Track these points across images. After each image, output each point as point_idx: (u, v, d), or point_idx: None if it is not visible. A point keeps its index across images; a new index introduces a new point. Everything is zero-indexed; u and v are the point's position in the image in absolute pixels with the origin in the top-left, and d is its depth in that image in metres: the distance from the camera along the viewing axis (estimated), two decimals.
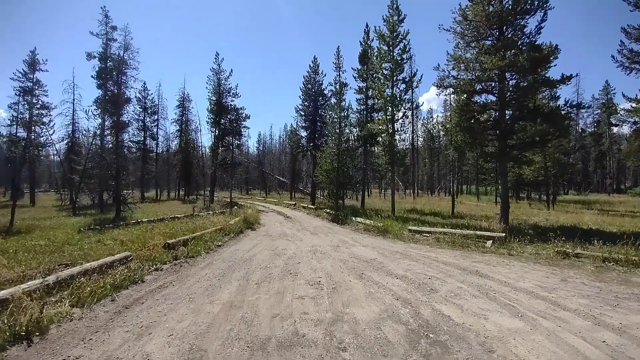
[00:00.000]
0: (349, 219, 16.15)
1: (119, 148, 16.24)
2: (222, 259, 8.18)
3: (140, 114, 39.48)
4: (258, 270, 6.99)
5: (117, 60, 37.87)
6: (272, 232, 13.29)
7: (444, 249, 9.51)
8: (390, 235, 11.96)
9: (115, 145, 16.23)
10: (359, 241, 11.04)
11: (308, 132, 29.29)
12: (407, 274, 6.69)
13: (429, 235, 11.30)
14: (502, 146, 14.01)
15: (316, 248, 9.66)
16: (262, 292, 5.59)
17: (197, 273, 6.78)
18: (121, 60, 37.97)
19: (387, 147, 16.21)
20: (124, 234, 10.57)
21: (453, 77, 15.31)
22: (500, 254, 8.78)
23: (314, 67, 29.04)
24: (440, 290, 5.64)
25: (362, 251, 9.21)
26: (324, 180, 20.27)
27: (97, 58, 37.24)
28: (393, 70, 16.19)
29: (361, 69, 25.15)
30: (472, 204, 30.48)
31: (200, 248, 8.81)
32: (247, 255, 8.64)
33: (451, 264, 7.53)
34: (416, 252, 8.97)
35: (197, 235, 9.85)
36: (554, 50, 12.56)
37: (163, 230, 11.08)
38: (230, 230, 11.99)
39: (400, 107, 16.09)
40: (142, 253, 7.38)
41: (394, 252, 9.07)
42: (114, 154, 16.07)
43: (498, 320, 4.39)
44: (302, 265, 7.44)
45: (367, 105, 25.22)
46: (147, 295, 5.38)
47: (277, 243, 10.61)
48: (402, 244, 10.53)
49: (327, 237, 11.88)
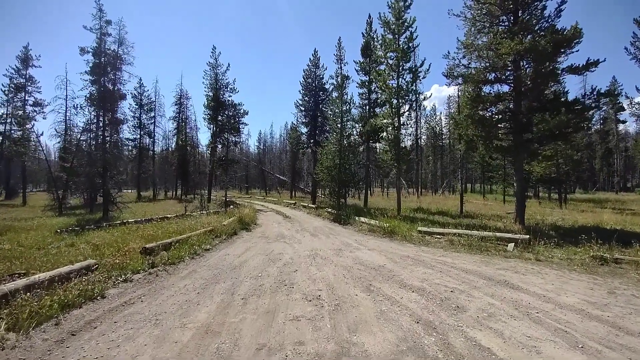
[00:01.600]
0: (352, 219, 15.08)
1: (106, 144, 15.21)
2: (208, 265, 7.12)
3: (135, 110, 38.44)
4: (247, 281, 5.93)
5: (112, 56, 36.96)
6: (268, 234, 12.23)
7: (460, 253, 8.43)
8: (397, 237, 10.89)
9: (103, 141, 15.18)
10: (363, 244, 9.97)
11: (308, 128, 28.18)
12: (423, 285, 5.61)
13: (441, 237, 10.22)
14: (518, 140, 12.90)
15: (316, 252, 8.59)
16: (248, 310, 4.53)
17: (174, 285, 5.72)
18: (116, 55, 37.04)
19: (392, 141, 15.12)
20: (103, 236, 9.53)
21: (464, 65, 14.23)
22: (526, 259, 7.69)
23: (315, 61, 27.92)
24: (468, 308, 4.56)
25: (367, 256, 8.14)
26: (325, 178, 19.19)
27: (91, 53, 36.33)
28: (399, 60, 15.07)
29: (364, 61, 24.04)
30: (479, 202, 29.34)
31: (184, 253, 7.75)
32: (237, 261, 7.57)
33: (473, 272, 6.45)
34: (430, 257, 7.90)
35: (183, 238, 8.79)
36: (578, 32, 11.44)
37: (147, 232, 10.03)
38: (222, 231, 10.93)
39: (406, 98, 14.99)
40: (109, 261, 6.32)
41: (404, 256, 7.99)
42: (101, 151, 15.02)
43: (555, 354, 3.32)
44: (300, 274, 6.37)
45: (369, 100, 24.11)
46: (103, 317, 4.33)
47: (273, 246, 9.55)
48: (412, 247, 9.45)
49: (328, 239, 10.81)
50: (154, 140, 42.51)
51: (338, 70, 24.06)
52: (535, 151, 12.64)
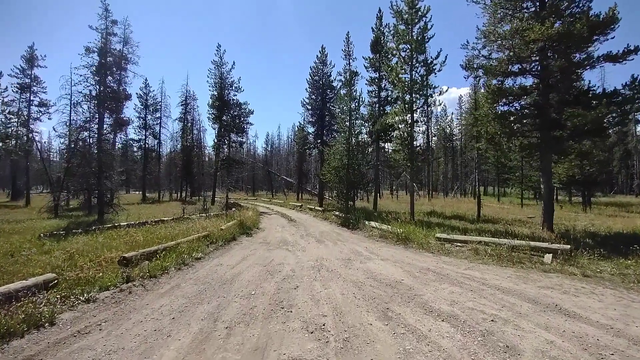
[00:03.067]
0: (361, 223, 13.97)
1: (101, 143, 14.42)
2: (195, 279, 6.11)
3: (141, 111, 37.98)
4: (237, 301, 4.89)
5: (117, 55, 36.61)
6: (270, 239, 11.21)
7: (489, 266, 7.26)
8: (413, 245, 9.74)
9: (98, 139, 14.41)
10: (375, 252, 8.86)
11: (315, 127, 27.12)
12: (454, 310, 4.50)
13: (463, 246, 9.04)
14: (546, 137, 11.66)
15: (322, 262, 7.52)
16: (231, 346, 3.49)
17: (148, 305, 4.71)
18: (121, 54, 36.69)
19: (405, 139, 13.98)
20: (86, 242, 8.62)
21: (484, 56, 13.06)
22: (570, 274, 6.49)
23: (322, 57, 26.90)
24: (522, 349, 3.44)
25: (381, 267, 7.04)
26: (332, 179, 18.12)
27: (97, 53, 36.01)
28: (412, 52, 13.95)
29: (373, 57, 22.99)
30: (494, 206, 27.88)
31: (170, 263, 6.76)
32: (230, 273, 6.55)
33: (512, 292, 5.30)
34: (454, 270, 6.75)
35: (171, 245, 7.81)
36: (614, 16, 10.19)
37: (136, 237, 9.10)
38: (218, 237, 9.94)
39: (421, 93, 13.83)
40: (74, 275, 5.34)
41: (424, 269, 6.87)
42: (96, 150, 14.25)
43: None
44: (301, 292, 5.31)
45: (379, 98, 23.02)
46: (45, 352, 3.34)
47: (273, 254, 8.51)
48: (430, 256, 8.31)
49: (335, 247, 9.73)
50: (160, 141, 42.06)
51: (346, 66, 23.04)
52: (566, 149, 11.37)
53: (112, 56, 39.06)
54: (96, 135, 14.50)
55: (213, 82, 28.73)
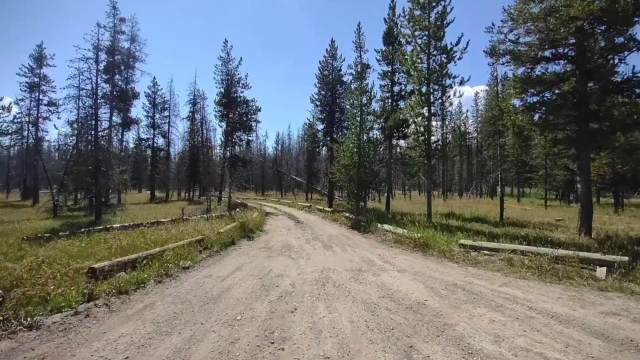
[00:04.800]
0: (373, 226, 12.81)
1: (97, 140, 13.68)
2: (175, 295, 5.12)
3: (149, 110, 37.61)
4: (216, 330, 3.86)
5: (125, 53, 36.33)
6: (273, 244, 10.19)
7: (529, 281, 6.04)
8: (433, 252, 8.55)
9: (95, 136, 13.65)
10: (390, 261, 7.73)
11: (325, 124, 25.98)
12: (502, 351, 3.35)
13: (492, 254, 7.81)
14: (584, 129, 10.29)
15: (327, 274, 6.43)
16: None
17: (102, 336, 3.72)
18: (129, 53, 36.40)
19: (421, 134, 12.75)
20: (64, 247, 7.77)
21: (510, 41, 11.75)
22: (633, 293, 5.23)
23: (331, 51, 25.74)
24: None
25: (398, 282, 5.91)
26: (342, 178, 16.99)
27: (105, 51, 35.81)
28: (429, 38, 12.72)
29: (386, 50, 21.71)
30: (515, 207, 26.22)
31: (149, 274, 5.80)
32: (217, 288, 5.53)
33: (570, 322, 4.10)
34: (487, 288, 5.57)
35: (155, 252, 6.85)
36: None
37: (124, 241, 8.21)
38: (214, 241, 8.98)
39: (439, 83, 12.57)
40: (22, 292, 4.40)
41: (451, 285, 5.71)
42: (93, 147, 13.51)
43: None
44: (299, 318, 4.24)
45: (392, 93, 21.73)
46: None
47: (273, 263, 7.47)
48: (455, 268, 7.12)
49: (344, 253, 8.63)
50: (169, 140, 41.68)
51: (357, 58, 21.84)
52: (609, 143, 9.97)
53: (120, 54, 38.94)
54: (93, 133, 13.75)
55: (220, 79, 27.98)
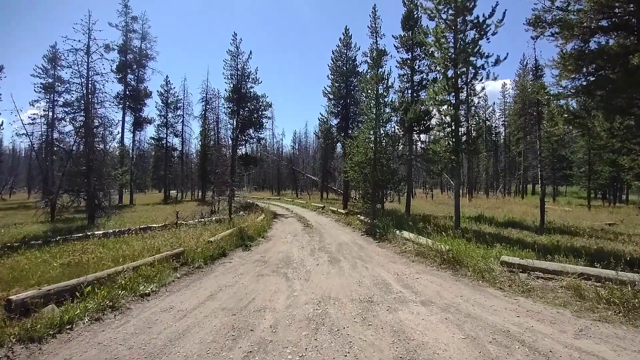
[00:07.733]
0: (391, 233, 11.00)
1: (89, 139, 12.65)
2: (104, 347, 3.60)
3: (162, 109, 37.09)
4: None
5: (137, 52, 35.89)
6: (270, 255, 8.62)
7: (615, 326, 4.12)
8: (467, 272, 6.67)
9: (86, 134, 12.63)
10: (411, 285, 5.95)
11: (339, 118, 24.21)
12: None
13: (549, 278, 5.87)
14: None
15: (326, 309, 4.76)
16: None
17: None
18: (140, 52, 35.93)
19: (448, 125, 10.80)
20: (17, 261, 6.50)
21: (560, 9, 9.63)
22: None
23: (345, 40, 23.88)
24: None
25: (423, 325, 4.16)
26: (355, 177, 15.23)
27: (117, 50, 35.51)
28: (457, 10, 10.75)
29: (405, 35, 19.72)
30: (555, 208, 23.48)
31: (88, 307, 4.33)
32: (168, 332, 3.98)
33: None
34: (559, 340, 3.72)
35: (105, 275, 5.37)
36: None
37: (92, 254, 6.87)
38: (197, 255, 7.49)
39: (470, 62, 10.56)
40: None
41: (501, 333, 3.89)
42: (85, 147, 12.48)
43: None
44: None
45: (412, 82, 19.71)
46: None
47: (260, 286, 5.87)
48: (501, 298, 5.25)
49: (353, 272, 6.92)
50: (183, 139, 41.15)
51: (373, 44, 19.90)
52: None
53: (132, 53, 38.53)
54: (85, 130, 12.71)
55: (229, 74, 26.85)
